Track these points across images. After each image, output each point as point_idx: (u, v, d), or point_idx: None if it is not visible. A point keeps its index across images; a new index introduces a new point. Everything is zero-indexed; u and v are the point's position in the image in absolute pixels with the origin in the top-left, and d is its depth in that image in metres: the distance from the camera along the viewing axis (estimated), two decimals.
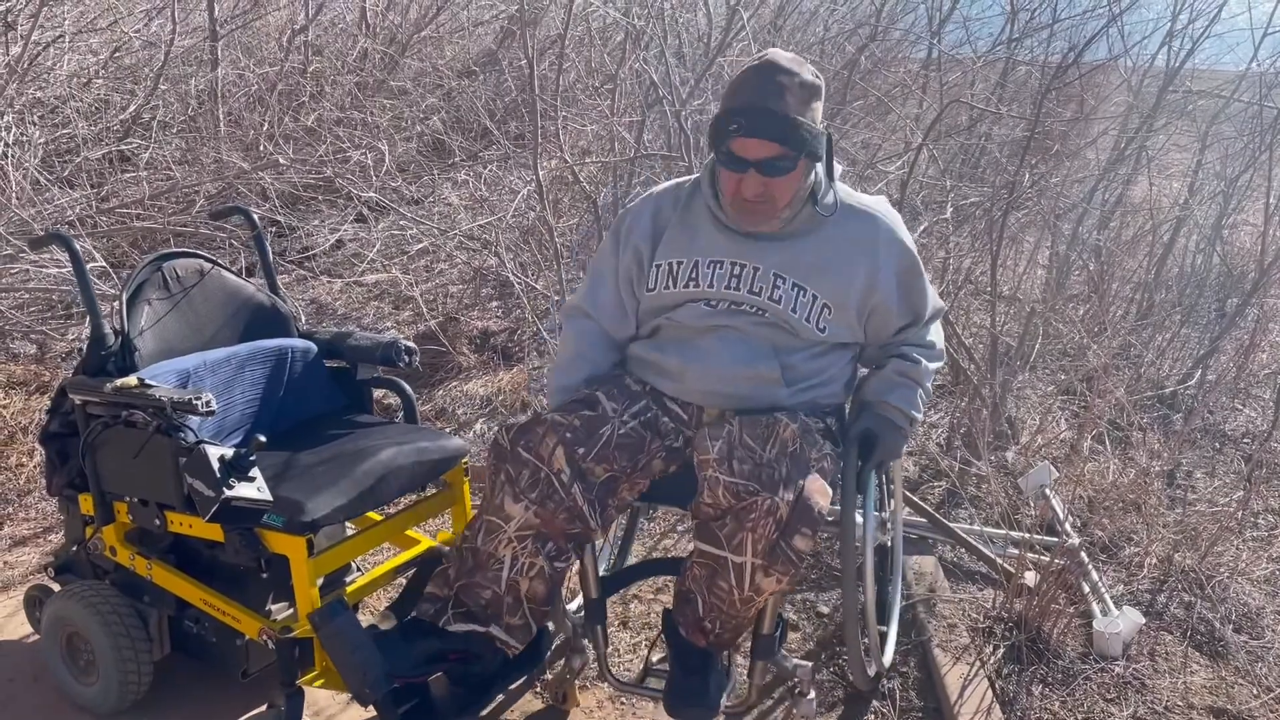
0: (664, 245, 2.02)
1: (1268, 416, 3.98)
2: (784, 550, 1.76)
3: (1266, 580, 2.99)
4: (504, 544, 1.90)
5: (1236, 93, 4.62)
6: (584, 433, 1.91)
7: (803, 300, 1.94)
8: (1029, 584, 2.64)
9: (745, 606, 1.85)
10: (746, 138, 1.82)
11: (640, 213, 2.08)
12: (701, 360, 1.97)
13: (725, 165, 1.87)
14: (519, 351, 4.20)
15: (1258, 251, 4.46)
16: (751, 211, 1.92)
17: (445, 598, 1.98)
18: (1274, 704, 2.46)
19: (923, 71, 5.28)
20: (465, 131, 5.84)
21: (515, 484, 1.88)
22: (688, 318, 2.00)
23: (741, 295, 1.95)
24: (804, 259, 1.95)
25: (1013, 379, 3.76)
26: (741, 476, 1.78)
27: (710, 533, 1.83)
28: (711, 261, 1.97)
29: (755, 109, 1.81)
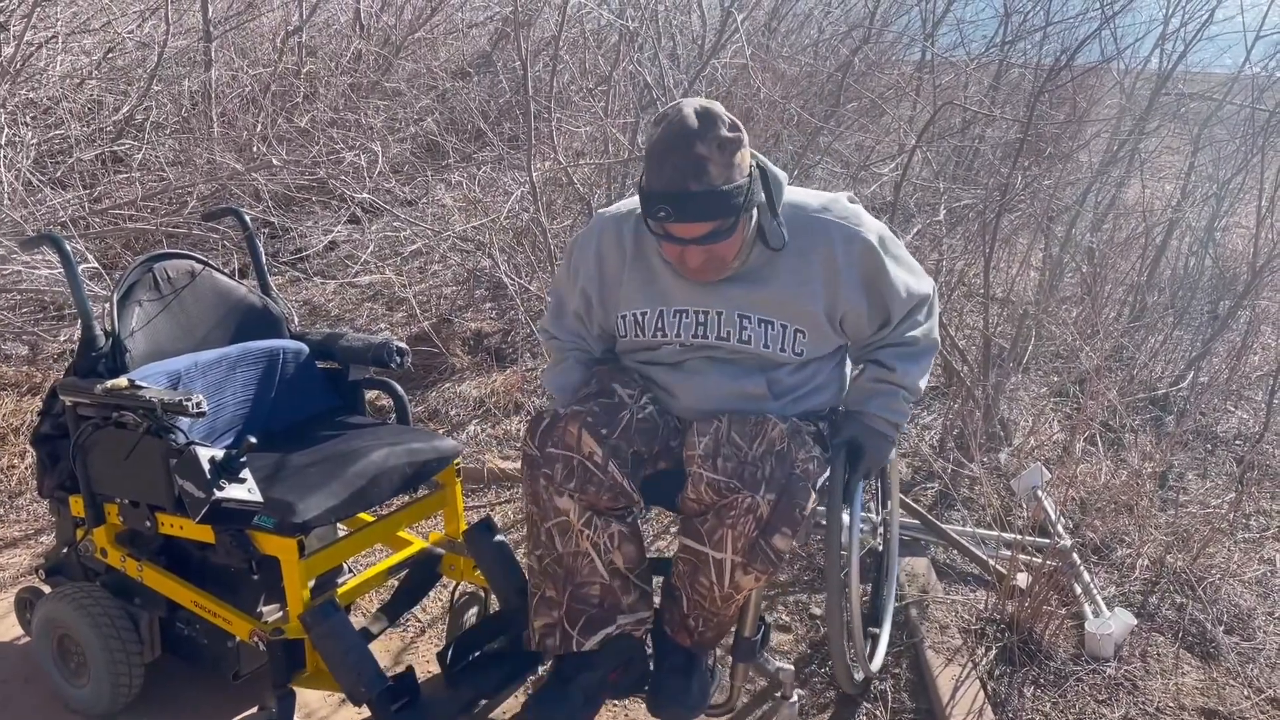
0: (624, 295, 2.01)
1: (1260, 418, 3.99)
2: (763, 549, 1.77)
3: (1258, 582, 2.99)
4: (580, 537, 1.90)
5: (1229, 95, 4.64)
6: (605, 417, 1.90)
7: (773, 333, 1.92)
8: (1021, 585, 2.64)
9: (725, 604, 1.86)
10: (677, 223, 1.77)
11: (585, 249, 2.05)
12: (689, 380, 1.98)
13: (663, 240, 1.83)
14: (512, 353, 4.20)
15: (1250, 254, 4.47)
16: (701, 274, 1.90)
17: (558, 620, 1.96)
18: (1265, 705, 2.47)
19: (916, 74, 5.29)
20: (459, 133, 5.83)
21: (554, 481, 1.87)
22: (665, 356, 2.01)
23: (711, 341, 1.95)
24: (764, 294, 1.92)
25: (1006, 381, 3.76)
26: (724, 474, 1.79)
27: (693, 528, 1.85)
28: (676, 311, 1.95)
29: (679, 195, 1.74)
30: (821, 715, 2.37)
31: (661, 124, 1.78)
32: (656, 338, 1.98)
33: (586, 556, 1.90)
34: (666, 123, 1.77)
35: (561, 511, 1.88)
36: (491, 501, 3.31)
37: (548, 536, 1.92)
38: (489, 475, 3.39)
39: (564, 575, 1.92)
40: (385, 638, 2.60)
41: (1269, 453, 3.82)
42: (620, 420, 1.91)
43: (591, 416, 1.88)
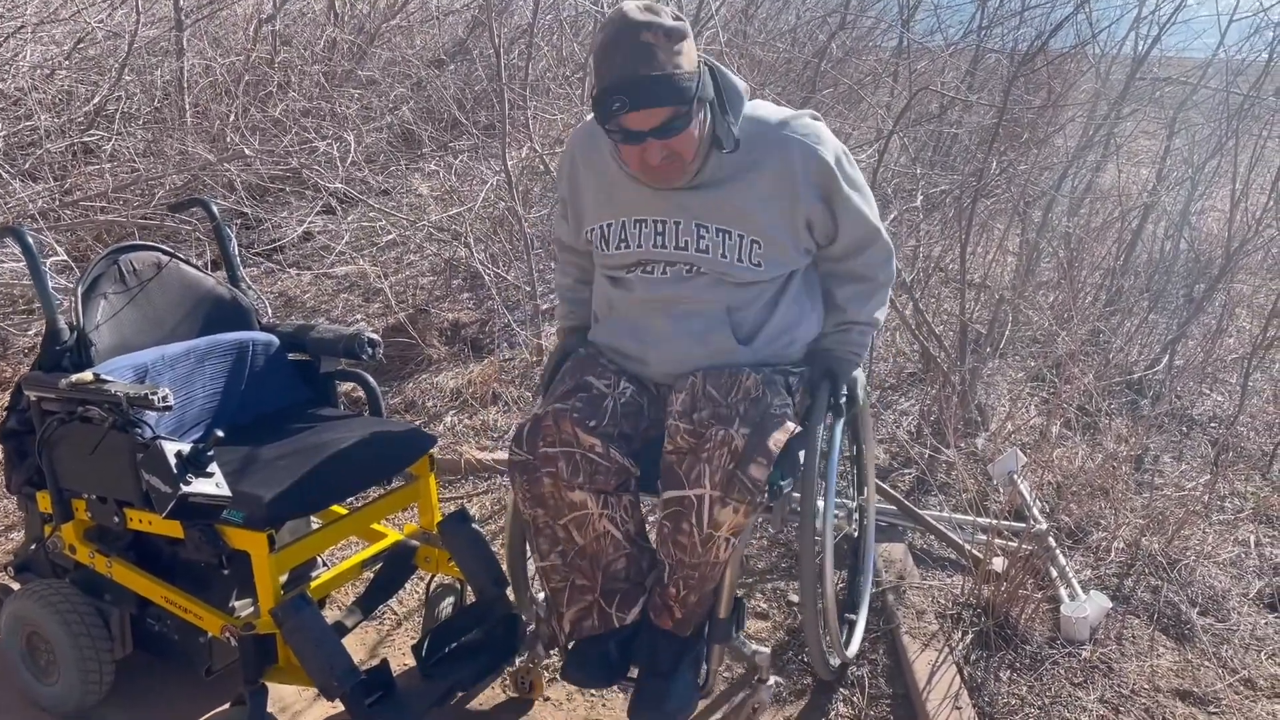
0: (590, 208, 2.05)
1: (1234, 401, 4.01)
2: (740, 479, 1.79)
3: (1232, 563, 3.01)
4: (599, 520, 1.93)
5: (1203, 79, 4.65)
6: (590, 410, 1.93)
7: (729, 243, 1.92)
8: (997, 570, 2.65)
9: (706, 549, 1.85)
10: (633, 111, 1.76)
11: (563, 159, 2.13)
12: (658, 344, 2.00)
13: (621, 141, 1.83)
14: (490, 343, 4.17)
15: (1224, 237, 4.49)
16: (663, 174, 1.88)
17: (593, 602, 1.99)
18: (1239, 685, 2.49)
19: (893, 60, 5.29)
20: (435, 122, 5.79)
21: (561, 477, 1.89)
22: (637, 289, 2.01)
23: (670, 252, 1.95)
24: (721, 202, 1.92)
25: (982, 366, 3.77)
26: (700, 423, 1.84)
27: (670, 477, 1.87)
28: (637, 220, 1.97)
29: (632, 81, 1.74)
30: (798, 701, 2.38)
31: (605, 27, 1.79)
32: (621, 249, 1.99)
33: (608, 535, 1.95)
34: (609, 22, 1.78)
35: (577, 505, 1.91)
36: (469, 492, 3.30)
37: (565, 533, 1.95)
38: (466, 466, 3.37)
39: (589, 561, 1.96)
40: (360, 631, 2.59)
41: (1243, 435, 3.84)
42: (605, 409, 1.95)
43: (578, 412, 1.91)
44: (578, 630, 2.01)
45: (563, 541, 1.95)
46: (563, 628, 2.02)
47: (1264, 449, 3.76)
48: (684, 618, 1.96)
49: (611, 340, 2.08)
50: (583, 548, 1.95)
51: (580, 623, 2.00)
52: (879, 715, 2.32)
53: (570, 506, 1.91)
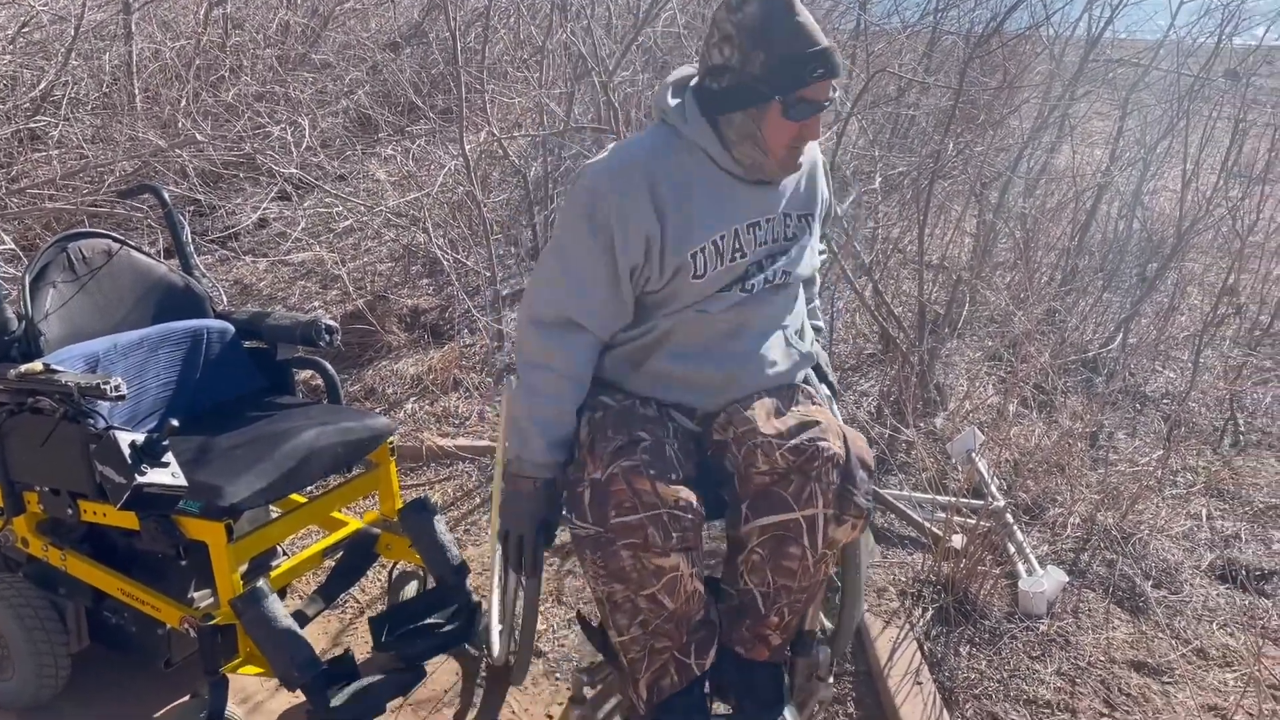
0: (697, 224, 1.78)
1: (1186, 377, 4.09)
2: (851, 493, 1.72)
3: (1185, 536, 3.08)
4: (689, 580, 1.72)
5: (1155, 61, 4.71)
6: (658, 462, 1.71)
7: (809, 230, 1.94)
8: (956, 547, 2.68)
9: (817, 569, 1.77)
10: (827, 79, 1.71)
11: (629, 193, 1.74)
12: (748, 362, 1.85)
13: (795, 115, 1.72)
14: (450, 329, 4.15)
15: (1176, 217, 4.56)
16: (795, 157, 1.81)
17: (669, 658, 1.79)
18: (1192, 655, 2.54)
19: (851, 42, 5.29)
20: (391, 106, 5.72)
21: (651, 545, 1.66)
22: (711, 309, 1.82)
23: (774, 246, 1.86)
24: (796, 189, 1.91)
25: (941, 346, 3.81)
26: (793, 435, 1.72)
27: (772, 501, 1.74)
28: (749, 224, 1.83)
29: (828, 50, 1.70)
30: None
31: (753, 1, 1.71)
32: (735, 260, 1.80)
33: (697, 594, 1.76)
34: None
35: (670, 569, 1.68)
36: (431, 479, 3.28)
37: (650, 602, 1.71)
38: (427, 453, 3.35)
39: (675, 623, 1.75)
40: (323, 620, 2.57)
41: (1195, 410, 3.92)
42: (669, 457, 1.74)
43: (652, 468, 1.68)
44: (657, 692, 1.80)
45: (645, 611, 1.73)
46: (640, 694, 1.81)
47: (1215, 424, 3.84)
48: (781, 643, 1.86)
49: (680, 369, 1.84)
50: (671, 613, 1.73)
51: (658, 683, 1.80)
52: (842, 693, 2.35)
53: (658, 574, 1.69)
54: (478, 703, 2.34)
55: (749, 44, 1.70)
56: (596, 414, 1.80)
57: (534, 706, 2.33)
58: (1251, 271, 4.93)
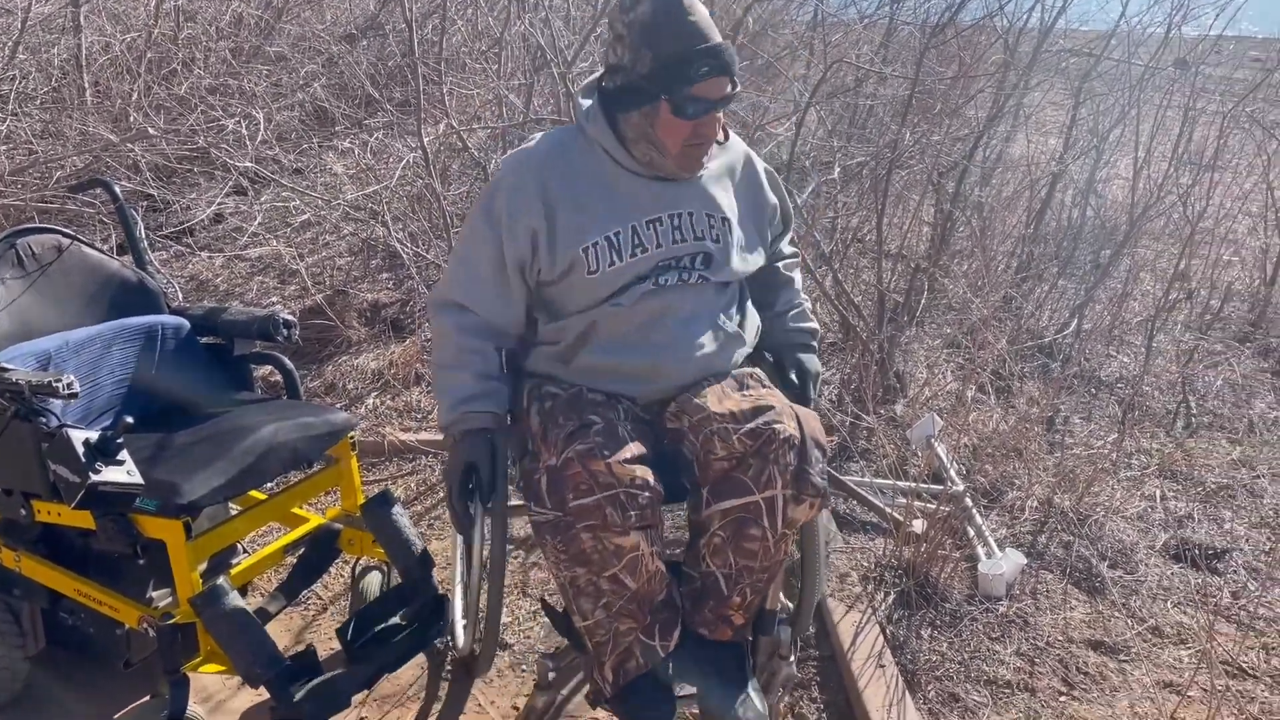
0: (589, 220, 1.82)
1: (1139, 361, 4.16)
2: (808, 474, 1.74)
3: (1139, 517, 3.14)
4: (650, 559, 1.74)
5: (1106, 50, 4.78)
6: (612, 440, 1.72)
7: (735, 232, 1.92)
8: (917, 531, 2.72)
9: (777, 550, 1.79)
10: (715, 78, 1.73)
11: (521, 188, 1.81)
12: (673, 349, 1.86)
13: (684, 113, 1.74)
14: (410, 323, 4.12)
15: (1129, 204, 4.64)
16: (698, 156, 1.84)
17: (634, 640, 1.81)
18: (1147, 634, 2.59)
19: (809, 33, 5.32)
20: (348, 98, 5.66)
21: (610, 525, 1.67)
22: (631, 301, 1.84)
23: (690, 245, 1.85)
24: (717, 191, 1.91)
25: (900, 334, 3.85)
26: (748, 419, 1.74)
27: (732, 485, 1.76)
28: (649, 220, 1.84)
29: (717, 48, 1.72)
30: None
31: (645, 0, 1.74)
32: (636, 255, 1.82)
33: (659, 573, 1.79)
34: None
35: (629, 549, 1.70)
36: (393, 474, 3.26)
37: (612, 584, 1.74)
38: (390, 448, 3.33)
39: (638, 603, 1.78)
40: (285, 617, 2.55)
41: (1148, 394, 3.99)
42: (622, 437, 1.75)
43: (606, 448, 1.70)
44: (622, 674, 1.82)
45: (608, 594, 1.75)
46: (605, 677, 1.83)
47: (1167, 407, 3.92)
48: (744, 623, 1.88)
49: (608, 361, 1.86)
50: (634, 592, 1.76)
51: (623, 665, 1.82)
52: (806, 678, 2.37)
53: (619, 553, 1.70)
54: (443, 695, 2.33)
55: (638, 43, 1.74)
56: (546, 404, 1.83)
57: (500, 698, 2.32)
58: (1202, 257, 5.03)
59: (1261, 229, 5.25)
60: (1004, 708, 2.29)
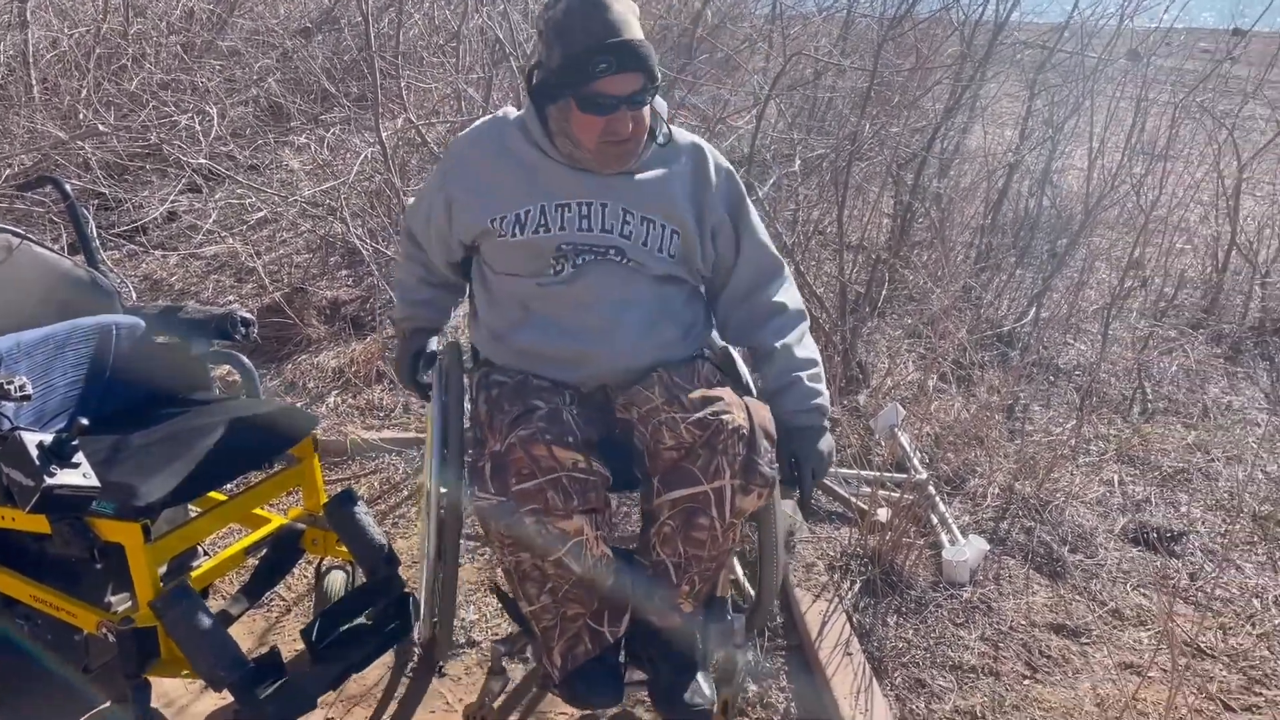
0: (503, 195, 1.89)
1: (1096, 349, 4.23)
2: (756, 463, 1.74)
3: (1098, 502, 3.18)
4: (595, 544, 1.77)
5: (1060, 42, 4.84)
6: (555, 426, 1.75)
7: (653, 232, 1.90)
8: (882, 520, 2.74)
9: (726, 539, 1.81)
10: (616, 74, 1.73)
11: (459, 158, 1.97)
12: (600, 342, 1.88)
13: (590, 109, 1.76)
14: (371, 320, 4.08)
15: (1084, 194, 4.71)
16: (619, 153, 1.84)
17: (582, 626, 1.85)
18: (1108, 617, 2.63)
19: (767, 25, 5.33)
20: (304, 93, 5.59)
21: (552, 509, 1.70)
22: (560, 283, 1.87)
23: (595, 235, 1.87)
24: (647, 191, 1.90)
25: (862, 325, 3.87)
26: (696, 409, 1.75)
27: (681, 475, 1.77)
28: (559, 205, 1.87)
29: (621, 43, 1.72)
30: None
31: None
32: (538, 234, 1.86)
33: (605, 558, 1.80)
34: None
35: (573, 533, 1.73)
36: (356, 473, 3.23)
37: (558, 568, 1.76)
38: (352, 446, 3.29)
39: (585, 589, 1.81)
40: (248, 619, 2.51)
41: (1105, 381, 4.05)
42: (566, 421, 1.78)
43: (548, 433, 1.73)
44: (571, 659, 1.85)
45: (553, 578, 1.78)
46: (554, 662, 1.86)
47: (1124, 393, 3.98)
48: (693, 610, 1.90)
49: (536, 343, 1.90)
50: (580, 577, 1.78)
51: (573, 651, 1.85)
52: (775, 667, 2.38)
53: (562, 538, 1.73)
54: (410, 694, 2.31)
55: (552, 40, 1.78)
56: (492, 391, 1.87)
57: (468, 696, 2.31)
58: (1155, 245, 5.11)
59: (1213, 217, 5.35)
60: (969, 692, 2.32)
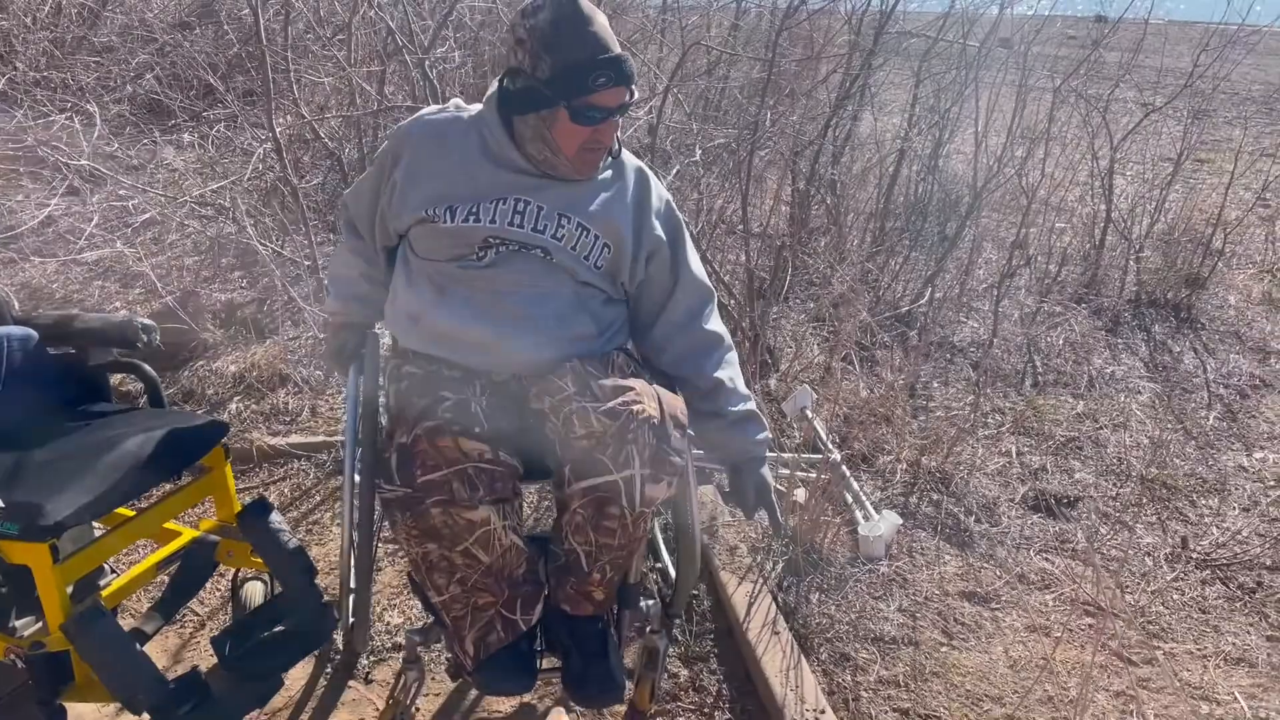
0: (441, 187, 1.90)
1: (988, 326, 4.40)
2: (666, 453, 1.76)
3: (999, 473, 3.32)
4: (503, 533, 1.78)
5: (942, 32, 5.00)
6: (463, 417, 1.78)
7: (585, 239, 1.91)
8: (799, 500, 2.80)
9: (636, 527, 1.83)
10: (613, 87, 1.78)
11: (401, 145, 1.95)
12: (519, 331, 1.88)
13: (581, 120, 1.80)
14: (270, 323, 3.96)
15: (970, 177, 4.88)
16: (594, 160, 1.89)
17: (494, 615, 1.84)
18: (1014, 582, 2.75)
19: (661, 16, 5.37)
20: (185, 89, 5.38)
21: (458, 500, 1.72)
22: (481, 268, 1.89)
23: (525, 233, 1.88)
24: (585, 199, 1.93)
25: (769, 311, 3.94)
26: (607, 399, 1.76)
27: (592, 464, 1.78)
28: (495, 199, 1.89)
29: (616, 58, 1.78)
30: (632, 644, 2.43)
31: (546, 7, 1.78)
32: (467, 223, 1.87)
33: (514, 548, 1.81)
34: (553, 5, 1.77)
35: (480, 523, 1.74)
36: (265, 481, 3.13)
37: (466, 558, 1.77)
38: (259, 453, 3.19)
39: (494, 578, 1.81)
40: (161, 637, 2.42)
41: (999, 356, 4.22)
42: (474, 413, 1.80)
43: (455, 424, 1.76)
44: (484, 648, 1.86)
45: (462, 568, 1.79)
46: (467, 651, 1.86)
47: (1016, 368, 4.15)
48: (605, 598, 1.92)
49: (450, 324, 1.90)
50: (488, 566, 1.80)
51: (485, 640, 1.85)
52: (704, 651, 2.41)
53: (470, 528, 1.74)
54: (331, 697, 2.27)
55: (540, 50, 1.79)
56: (402, 384, 1.89)
57: None
58: (1038, 225, 5.33)
59: (1089, 196, 5.61)
60: (891, 662, 2.39)
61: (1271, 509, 3.26)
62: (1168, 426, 3.77)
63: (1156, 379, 4.18)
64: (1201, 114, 5.76)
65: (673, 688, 2.29)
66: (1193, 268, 5.05)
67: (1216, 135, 8.28)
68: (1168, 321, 4.78)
